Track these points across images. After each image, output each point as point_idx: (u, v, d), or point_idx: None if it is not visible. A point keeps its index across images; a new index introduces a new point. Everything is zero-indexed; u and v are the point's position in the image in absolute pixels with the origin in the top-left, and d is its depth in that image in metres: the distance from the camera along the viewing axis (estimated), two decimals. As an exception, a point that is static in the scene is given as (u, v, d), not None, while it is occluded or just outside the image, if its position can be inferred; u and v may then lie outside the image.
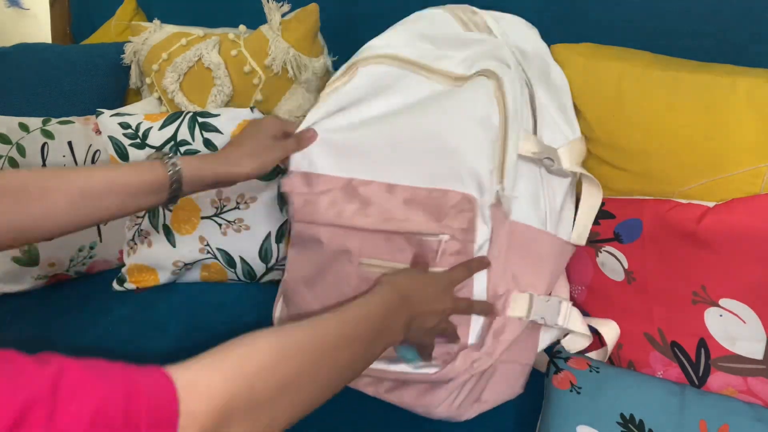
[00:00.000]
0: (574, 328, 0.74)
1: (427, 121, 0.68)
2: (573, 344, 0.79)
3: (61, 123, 1.02)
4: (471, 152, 0.66)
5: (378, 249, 0.68)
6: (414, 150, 0.68)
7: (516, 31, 0.75)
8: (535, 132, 0.72)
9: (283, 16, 1.01)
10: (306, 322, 0.50)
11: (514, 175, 0.67)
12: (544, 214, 0.72)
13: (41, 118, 1.01)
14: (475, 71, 0.70)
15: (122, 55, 1.14)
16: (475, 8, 0.76)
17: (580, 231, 0.76)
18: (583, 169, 0.75)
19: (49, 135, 1.00)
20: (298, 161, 0.72)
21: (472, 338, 0.69)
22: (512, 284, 0.70)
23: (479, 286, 0.68)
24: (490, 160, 0.66)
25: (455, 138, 0.67)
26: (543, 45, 0.77)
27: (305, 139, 0.71)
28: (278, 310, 0.83)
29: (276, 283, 0.94)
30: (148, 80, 1.09)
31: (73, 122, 1.04)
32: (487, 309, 0.69)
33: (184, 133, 0.96)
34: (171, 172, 0.63)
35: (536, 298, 0.70)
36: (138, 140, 0.98)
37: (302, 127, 0.74)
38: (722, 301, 0.68)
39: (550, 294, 0.74)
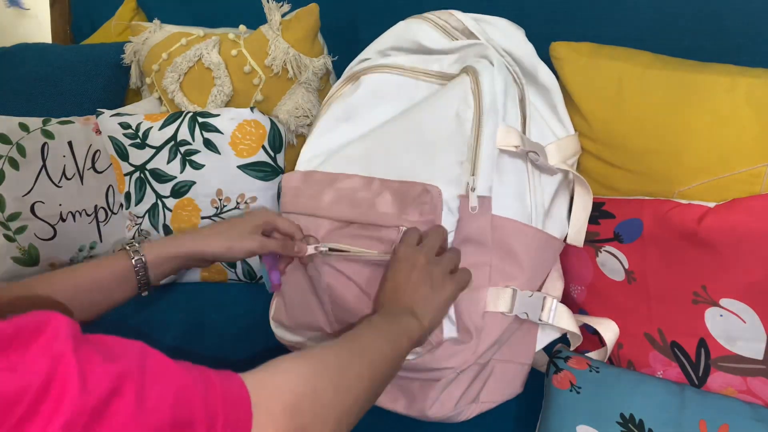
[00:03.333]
0: (560, 325, 0.73)
1: (410, 119, 0.72)
2: (571, 340, 0.79)
3: (61, 123, 1.02)
4: (442, 145, 0.68)
5: (342, 236, 0.71)
6: (398, 146, 0.71)
7: (500, 33, 0.76)
8: (524, 130, 0.73)
9: (283, 16, 1.01)
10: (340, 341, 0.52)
11: (491, 167, 0.68)
12: (530, 209, 0.72)
13: (41, 118, 1.01)
14: (462, 68, 0.71)
15: (122, 55, 1.15)
16: (457, 13, 0.76)
17: (576, 232, 0.76)
18: (570, 168, 0.74)
19: (49, 135, 1.00)
20: (306, 161, 0.78)
21: (446, 334, 0.68)
22: (493, 278, 0.70)
23: None
24: (460, 152, 0.67)
25: (430, 132, 0.69)
26: (529, 46, 0.77)
27: (290, 248, 0.70)
28: (273, 308, 0.83)
29: (276, 283, 0.94)
30: (148, 80, 1.09)
31: (73, 122, 1.04)
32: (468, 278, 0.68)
33: (184, 133, 0.96)
34: (134, 259, 0.64)
35: (519, 293, 0.70)
36: (138, 140, 0.98)
37: (313, 132, 0.78)
38: (723, 301, 0.68)
39: (540, 290, 0.74)
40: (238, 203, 0.96)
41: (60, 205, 1.00)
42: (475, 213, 0.67)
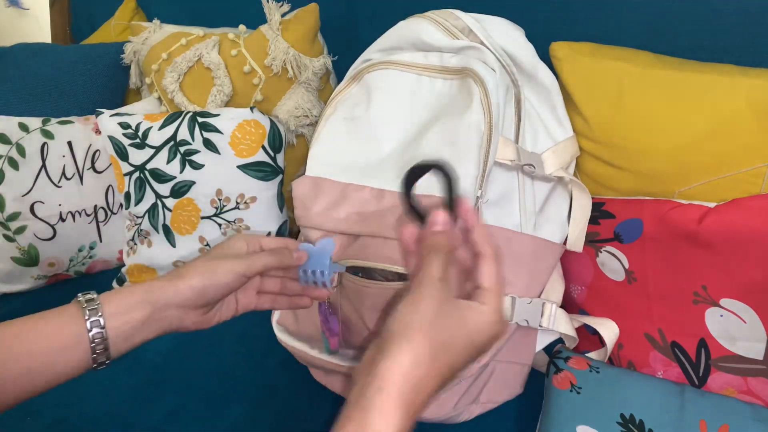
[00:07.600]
0: (558, 329, 0.73)
1: (423, 131, 0.70)
2: (566, 342, 0.79)
3: (61, 123, 1.02)
4: (463, 159, 0.67)
5: (350, 250, 0.70)
6: (414, 159, 0.69)
7: (500, 33, 0.75)
8: (518, 135, 0.72)
9: (283, 15, 1.01)
10: None
11: (489, 178, 0.68)
12: (519, 215, 0.72)
13: (41, 118, 1.01)
14: (466, 66, 0.71)
15: (122, 55, 1.15)
16: (458, 12, 0.76)
17: (575, 237, 0.76)
18: (567, 173, 0.74)
19: (49, 135, 1.00)
20: (315, 165, 0.76)
21: None
22: None
23: None
24: (477, 166, 0.67)
25: (451, 147, 0.68)
26: (529, 46, 0.77)
27: (287, 257, 0.58)
28: (277, 312, 0.83)
29: (276, 283, 0.94)
30: (148, 80, 1.09)
31: (73, 122, 1.04)
32: None
33: (183, 133, 0.96)
34: (90, 320, 0.47)
35: (519, 300, 0.70)
36: (138, 140, 0.98)
37: (319, 133, 0.77)
38: (723, 301, 0.68)
39: (539, 295, 0.74)
40: (237, 203, 0.96)
41: (60, 205, 1.00)
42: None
